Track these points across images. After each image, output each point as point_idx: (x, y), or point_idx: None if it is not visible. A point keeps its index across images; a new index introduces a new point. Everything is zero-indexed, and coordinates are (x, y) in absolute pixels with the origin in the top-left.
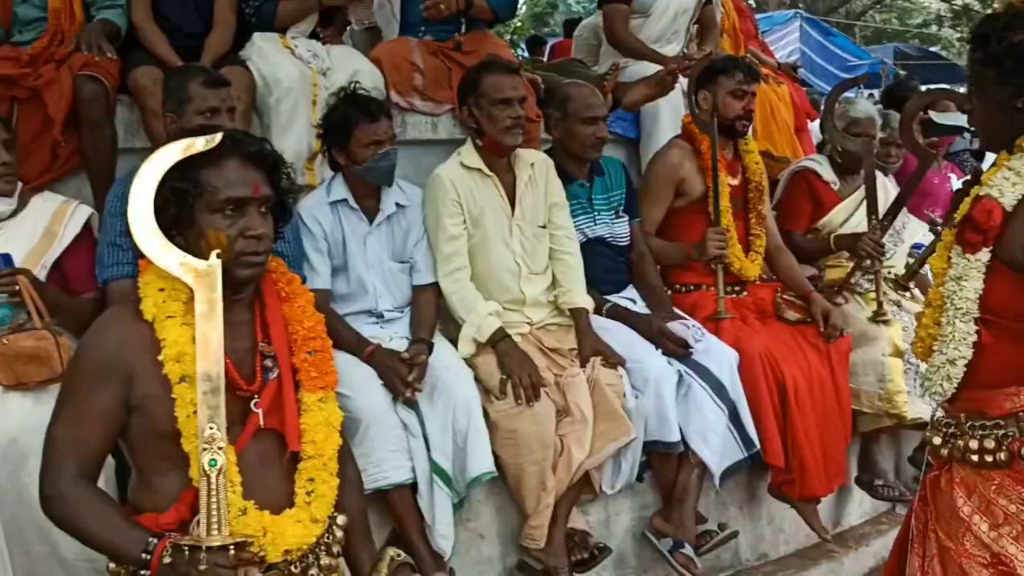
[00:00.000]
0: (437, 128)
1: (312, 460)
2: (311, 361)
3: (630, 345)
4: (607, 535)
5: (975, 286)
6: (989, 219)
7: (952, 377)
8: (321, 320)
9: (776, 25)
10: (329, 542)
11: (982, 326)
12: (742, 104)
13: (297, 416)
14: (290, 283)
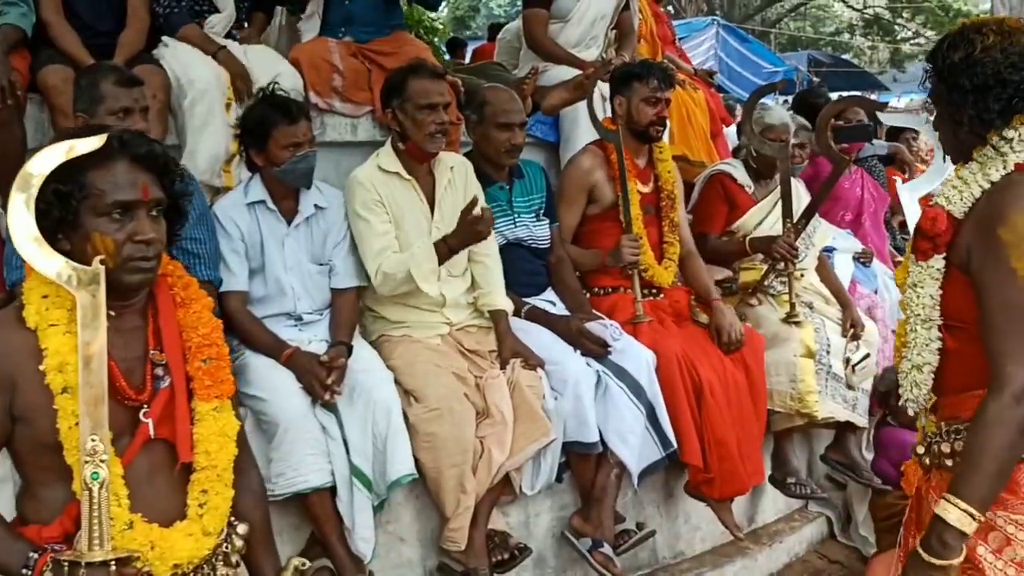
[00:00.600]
0: (357, 130)
1: (205, 471)
2: (205, 369)
3: (549, 347)
4: (527, 536)
5: (930, 292)
6: (934, 226)
7: (920, 384)
8: (218, 326)
9: (694, 31)
10: (227, 552)
11: (946, 332)
12: (655, 110)
13: (190, 426)
14: (186, 288)
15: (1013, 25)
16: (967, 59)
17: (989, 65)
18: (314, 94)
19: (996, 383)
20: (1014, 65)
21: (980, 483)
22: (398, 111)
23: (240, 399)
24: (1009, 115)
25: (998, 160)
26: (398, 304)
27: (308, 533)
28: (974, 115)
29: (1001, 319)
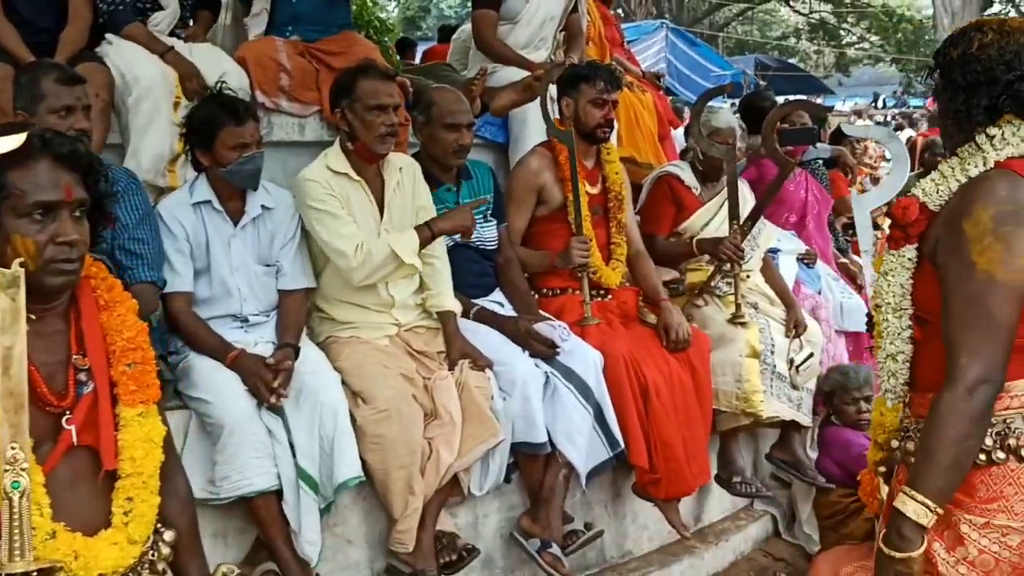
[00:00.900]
0: (304, 130)
1: (130, 478)
2: (130, 374)
3: (497, 348)
4: (475, 536)
5: (900, 281)
6: (905, 215)
7: (896, 373)
8: (143, 330)
9: (643, 34)
10: (153, 559)
11: (917, 324)
12: (603, 112)
13: (114, 432)
14: (110, 290)
15: (1014, 25)
16: (964, 56)
17: (983, 62)
18: (261, 93)
19: (951, 375)
20: (1008, 64)
21: (935, 475)
22: (347, 111)
23: (184, 401)
24: (996, 114)
25: (978, 156)
26: (346, 304)
27: (253, 537)
28: (963, 111)
29: (959, 312)
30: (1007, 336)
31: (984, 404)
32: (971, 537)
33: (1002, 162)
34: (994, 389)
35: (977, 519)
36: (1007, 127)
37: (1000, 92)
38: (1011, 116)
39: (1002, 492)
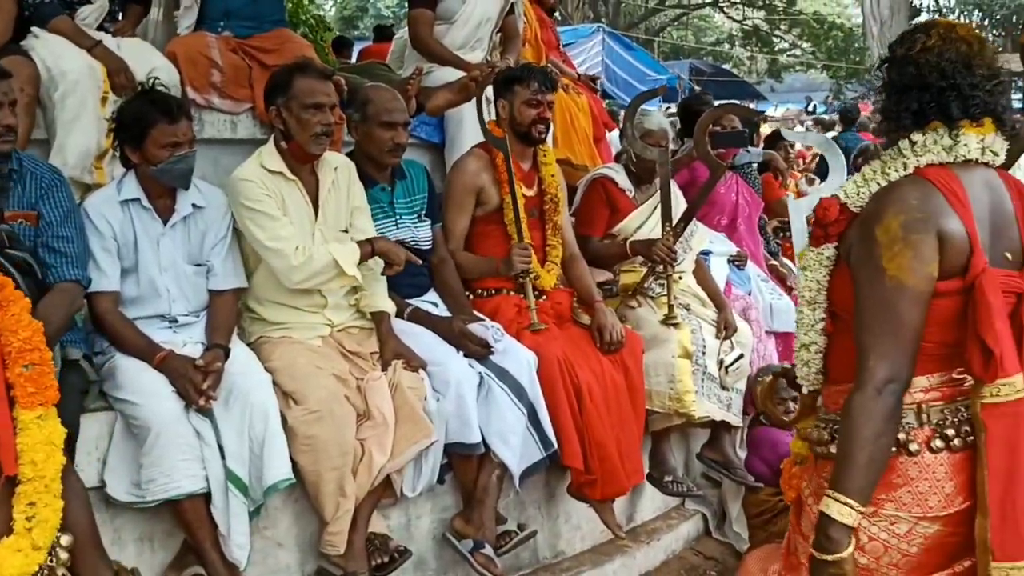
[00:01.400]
0: (237, 128)
1: (32, 483)
2: (28, 376)
3: (431, 348)
4: (408, 538)
5: (816, 277)
6: (826, 215)
7: (808, 362)
8: (39, 330)
9: (580, 38)
10: (53, 565)
11: (832, 320)
12: (537, 112)
13: (12, 436)
14: (1, 289)
15: (961, 33)
16: (904, 56)
17: (919, 66)
18: (191, 90)
19: (860, 377)
20: (941, 71)
21: (854, 475)
22: (282, 110)
23: (109, 402)
24: (924, 119)
25: (899, 161)
26: (278, 305)
27: (181, 540)
28: (893, 112)
29: (868, 315)
30: (914, 338)
31: (893, 403)
32: (862, 525)
33: (922, 168)
34: (902, 388)
35: (867, 508)
36: (931, 134)
37: (930, 99)
38: (938, 123)
39: (890, 482)
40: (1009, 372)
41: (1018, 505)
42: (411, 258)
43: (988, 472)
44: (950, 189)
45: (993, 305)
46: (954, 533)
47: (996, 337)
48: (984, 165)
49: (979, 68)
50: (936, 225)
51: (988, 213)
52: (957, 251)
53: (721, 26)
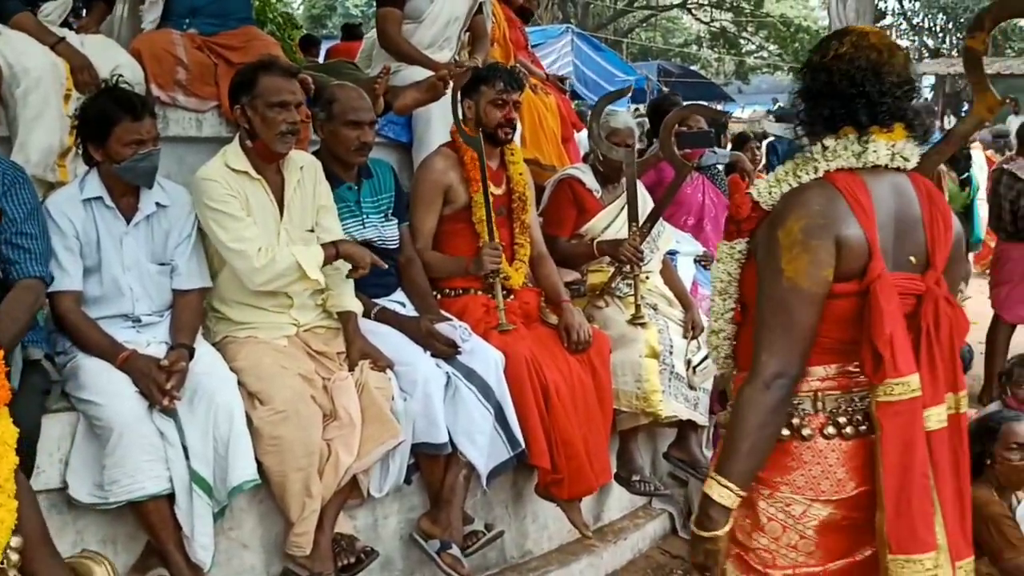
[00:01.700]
0: (202, 125)
1: None
2: None
3: (398, 348)
4: (375, 538)
5: (728, 269)
6: (738, 211)
7: (718, 348)
8: None
9: (549, 38)
10: (3, 567)
11: (740, 308)
12: (503, 113)
13: None
14: None
15: (873, 40)
16: (818, 63)
17: (831, 73)
18: (156, 87)
19: (753, 369)
20: (851, 78)
21: (736, 461)
22: (248, 108)
23: (71, 403)
24: (835, 125)
25: (810, 165)
26: (243, 305)
27: (144, 542)
28: (807, 118)
29: (766, 311)
30: (806, 338)
31: (780, 397)
32: (761, 506)
33: (831, 173)
34: (791, 383)
35: (765, 490)
36: (842, 140)
37: (840, 105)
38: (850, 129)
39: (786, 466)
40: (903, 372)
41: (912, 500)
42: (376, 261)
43: (884, 468)
44: (854, 195)
45: (885, 311)
46: (847, 517)
47: (885, 342)
48: (895, 170)
49: (888, 75)
50: (835, 231)
51: (894, 217)
52: (855, 256)
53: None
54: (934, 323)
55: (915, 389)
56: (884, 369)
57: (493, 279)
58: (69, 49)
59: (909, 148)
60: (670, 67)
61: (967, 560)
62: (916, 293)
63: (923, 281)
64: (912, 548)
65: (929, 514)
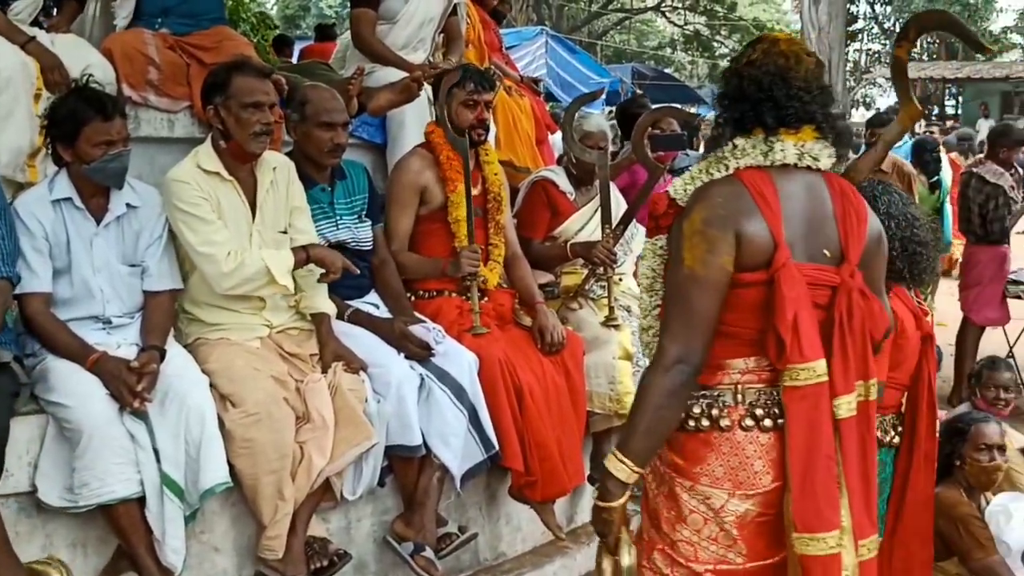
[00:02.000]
0: (174, 126)
1: None
2: None
3: (372, 350)
4: (348, 541)
5: (652, 265)
6: (655, 208)
7: (648, 344)
8: None
9: (523, 40)
10: None
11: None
12: (475, 114)
13: None
14: None
15: (783, 47)
16: (733, 68)
17: (744, 79)
18: (128, 87)
19: (655, 354)
20: (759, 83)
21: (635, 440)
22: (221, 109)
23: (41, 405)
24: (744, 126)
25: (722, 164)
26: (215, 307)
27: (115, 546)
28: (721, 120)
29: (668, 300)
30: (704, 324)
31: (679, 381)
32: (682, 498)
33: (740, 170)
34: (690, 368)
35: (686, 482)
36: (751, 139)
37: (749, 108)
38: (759, 130)
39: (705, 457)
40: (808, 358)
41: (816, 482)
42: (348, 266)
43: (790, 451)
44: (759, 190)
45: (787, 297)
46: (765, 514)
47: (787, 327)
48: (806, 169)
49: (795, 80)
50: (736, 223)
51: (805, 213)
52: (760, 247)
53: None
54: (847, 313)
55: (820, 374)
56: (787, 354)
57: (470, 282)
58: (39, 48)
59: (818, 148)
60: (644, 70)
61: (870, 539)
62: (831, 285)
63: (837, 273)
64: (816, 527)
65: (834, 495)
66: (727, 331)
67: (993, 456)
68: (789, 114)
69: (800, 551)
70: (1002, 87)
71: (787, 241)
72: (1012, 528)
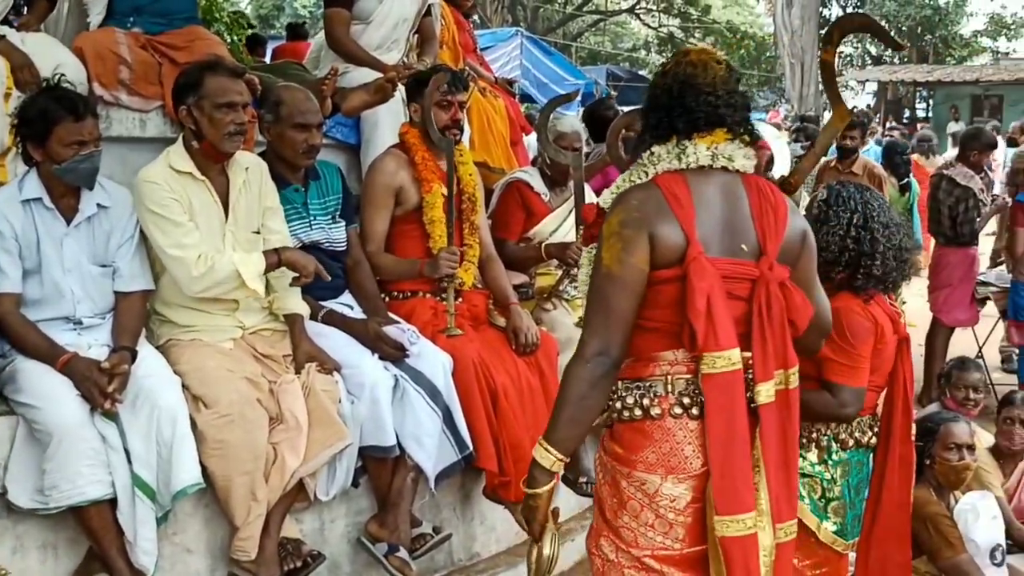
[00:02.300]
0: (146, 125)
1: None
2: None
3: (346, 350)
4: (321, 542)
5: (587, 272)
6: (587, 217)
7: None
8: None
9: (499, 42)
10: None
11: None
12: (449, 114)
13: None
14: None
15: (692, 57)
16: (652, 80)
17: (658, 88)
18: (99, 86)
19: (577, 347)
20: (669, 91)
21: (558, 429)
22: (194, 109)
23: (11, 407)
24: (660, 133)
25: (642, 170)
26: (187, 308)
27: (86, 548)
28: (643, 128)
29: (589, 297)
30: (622, 320)
31: (599, 372)
32: (622, 485)
33: (659, 175)
34: (609, 360)
35: (624, 469)
36: (666, 145)
37: (664, 115)
38: (675, 136)
39: (640, 445)
40: (723, 346)
41: (734, 465)
42: (319, 271)
43: (709, 436)
44: (672, 192)
45: (697, 288)
46: (698, 499)
47: (697, 315)
48: (722, 170)
49: (704, 87)
50: (649, 224)
51: (721, 211)
52: (672, 245)
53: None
54: (766, 304)
55: (735, 362)
56: (700, 343)
57: (448, 283)
58: (9, 47)
59: (731, 149)
60: (619, 71)
61: (788, 523)
62: (750, 278)
63: (756, 267)
64: (734, 509)
65: (749, 478)
66: (653, 326)
67: (962, 455)
68: (698, 118)
69: (720, 533)
70: (972, 90)
71: (701, 238)
72: (980, 526)
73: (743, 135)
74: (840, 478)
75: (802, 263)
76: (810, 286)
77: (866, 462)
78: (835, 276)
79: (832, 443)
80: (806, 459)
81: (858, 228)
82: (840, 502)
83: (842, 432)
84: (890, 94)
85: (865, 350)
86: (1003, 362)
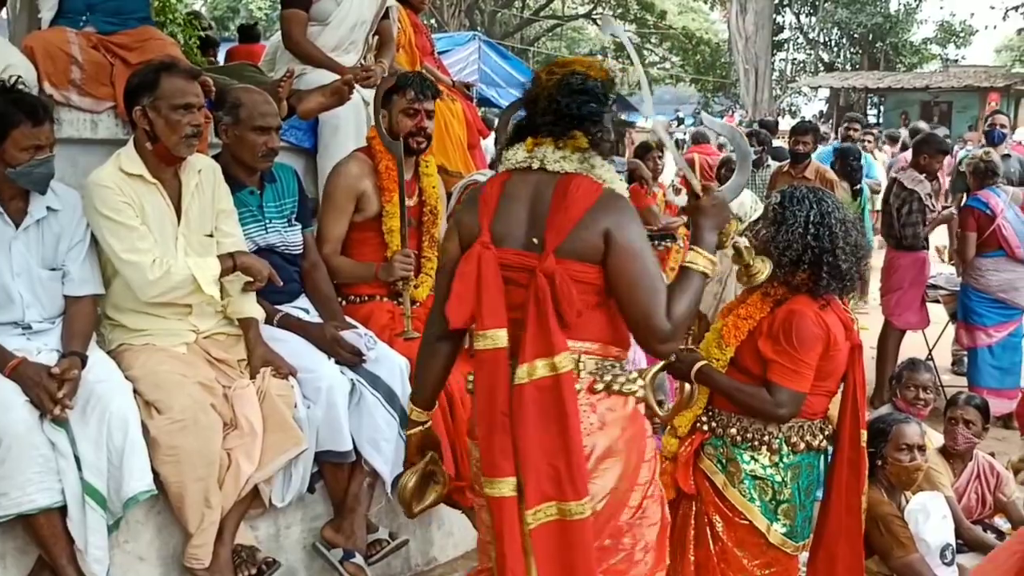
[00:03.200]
0: (98, 127)
1: None
2: None
3: (302, 355)
4: (277, 549)
5: None
6: None
7: None
8: None
9: (456, 45)
10: None
11: None
12: (415, 122)
13: None
14: None
15: (553, 69)
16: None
17: (526, 96)
18: (49, 85)
19: None
20: (529, 99)
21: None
22: (149, 110)
23: None
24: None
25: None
26: (140, 312)
27: (35, 557)
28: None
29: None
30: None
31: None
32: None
33: (497, 173)
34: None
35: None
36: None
37: (522, 120)
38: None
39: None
40: (487, 326)
41: (494, 434)
42: (273, 276)
43: (477, 404)
44: (487, 189)
45: (459, 272)
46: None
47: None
48: (541, 170)
49: (539, 100)
50: (460, 216)
51: (525, 208)
52: (470, 234)
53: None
54: (533, 293)
55: (498, 342)
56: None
57: (403, 287)
58: None
59: (547, 152)
60: None
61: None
62: (529, 268)
63: (538, 260)
64: (492, 473)
65: (508, 448)
66: None
67: (914, 456)
68: (536, 126)
69: (488, 492)
70: (922, 96)
71: (497, 230)
72: (931, 526)
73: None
74: (791, 481)
75: (612, 263)
76: (630, 287)
77: (816, 465)
78: (796, 278)
79: (783, 446)
80: (757, 461)
81: (816, 225)
82: (790, 504)
83: (793, 435)
84: (842, 100)
85: (810, 357)
86: (954, 364)
